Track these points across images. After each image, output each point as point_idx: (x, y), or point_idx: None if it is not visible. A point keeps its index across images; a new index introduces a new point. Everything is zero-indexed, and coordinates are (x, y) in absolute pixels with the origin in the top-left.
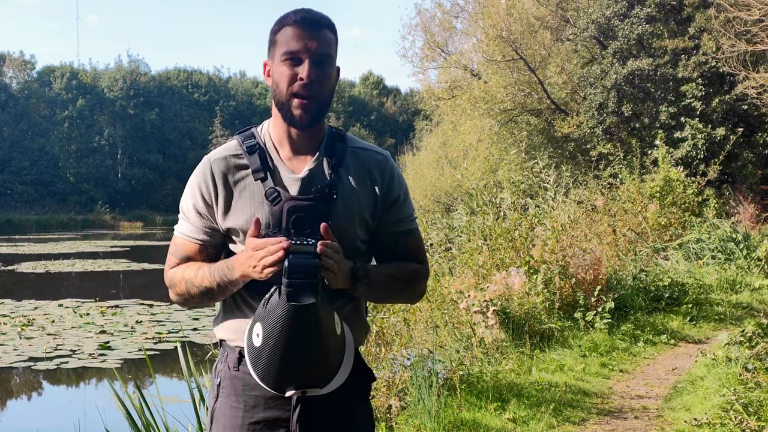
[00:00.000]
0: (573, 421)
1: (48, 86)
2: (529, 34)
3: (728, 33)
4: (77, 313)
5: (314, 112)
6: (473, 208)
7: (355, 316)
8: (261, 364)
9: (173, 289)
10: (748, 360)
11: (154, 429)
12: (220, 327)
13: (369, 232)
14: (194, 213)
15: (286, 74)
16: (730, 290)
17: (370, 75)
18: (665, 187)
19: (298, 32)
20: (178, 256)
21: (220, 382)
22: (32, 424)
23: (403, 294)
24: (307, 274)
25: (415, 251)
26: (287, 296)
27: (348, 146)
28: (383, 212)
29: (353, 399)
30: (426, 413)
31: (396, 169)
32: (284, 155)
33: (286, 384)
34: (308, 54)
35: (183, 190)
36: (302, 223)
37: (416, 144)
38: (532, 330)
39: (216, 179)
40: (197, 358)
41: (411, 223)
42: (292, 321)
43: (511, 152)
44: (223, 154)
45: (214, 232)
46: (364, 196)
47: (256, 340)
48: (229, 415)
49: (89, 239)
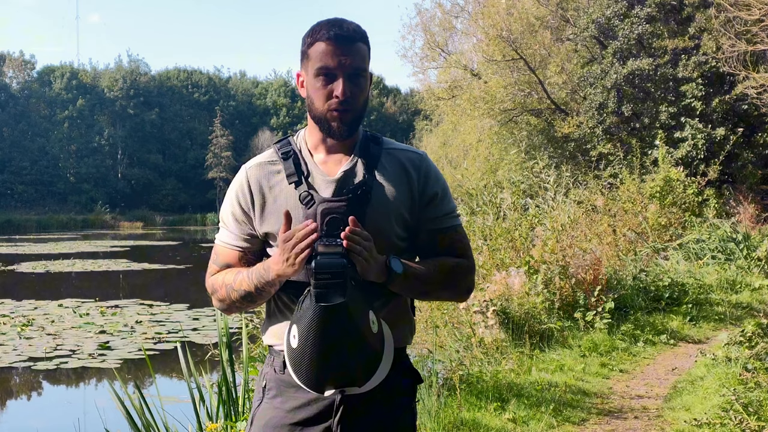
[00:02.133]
0: (573, 421)
1: (48, 86)
2: (529, 34)
3: (728, 33)
4: (77, 313)
5: (351, 123)
6: (473, 208)
7: (396, 314)
8: (299, 366)
9: (215, 295)
10: (748, 360)
11: (154, 429)
12: (266, 333)
13: (407, 230)
14: (232, 221)
15: (322, 91)
16: (730, 290)
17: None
18: (665, 187)
19: (331, 49)
20: (218, 264)
21: (265, 384)
22: (32, 424)
23: (447, 288)
24: (334, 273)
25: (457, 247)
26: (315, 297)
27: (383, 148)
28: (421, 210)
29: (395, 400)
30: (426, 413)
31: (433, 167)
32: (319, 159)
33: (324, 384)
34: (342, 70)
35: (183, 190)
36: (336, 224)
37: (416, 144)
38: (532, 330)
39: (252, 186)
40: (197, 358)
41: (452, 219)
42: (322, 321)
43: (511, 152)
44: (259, 162)
45: (252, 238)
46: (400, 194)
47: (293, 341)
48: (270, 415)
49: (89, 239)
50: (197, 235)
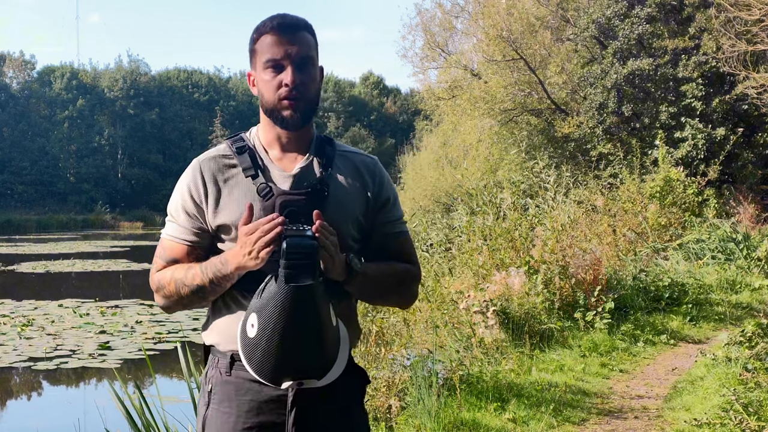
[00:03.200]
0: (573, 421)
1: (48, 86)
2: (530, 34)
3: (728, 33)
4: (77, 313)
5: (303, 112)
6: (473, 208)
7: (348, 315)
8: (257, 355)
9: (161, 292)
10: (748, 360)
11: (154, 429)
12: (209, 332)
13: (361, 232)
14: (183, 214)
15: (271, 82)
16: (730, 290)
17: (370, 75)
18: (665, 187)
19: (276, 39)
20: (165, 259)
21: (211, 388)
22: (32, 424)
23: (396, 293)
24: (305, 254)
25: (406, 253)
26: (285, 278)
27: (336, 150)
28: (374, 214)
29: (348, 402)
30: (426, 413)
31: (385, 173)
32: (274, 156)
33: (283, 374)
34: (290, 59)
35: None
36: (295, 217)
37: (416, 144)
38: (532, 330)
39: (206, 178)
40: (197, 358)
41: (402, 225)
42: (291, 302)
43: (511, 152)
44: (212, 155)
45: (202, 233)
46: (355, 196)
47: (251, 331)
48: (222, 421)
49: (89, 239)
50: None
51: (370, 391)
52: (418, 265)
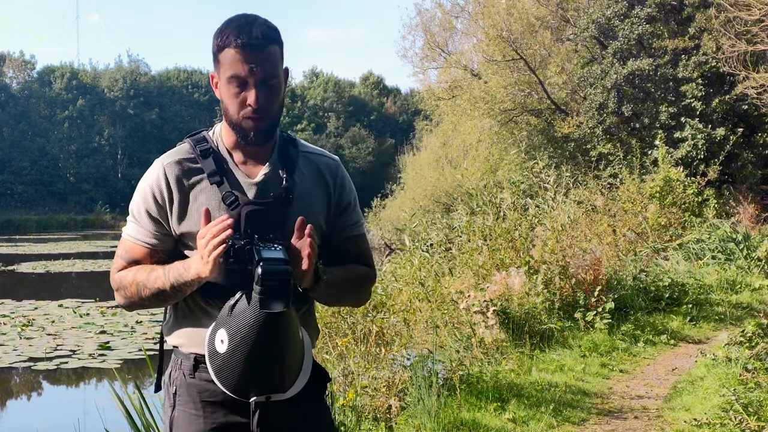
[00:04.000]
0: (573, 421)
1: (48, 86)
2: (529, 34)
3: (728, 33)
4: (77, 313)
5: (266, 130)
6: (473, 208)
7: (309, 318)
8: (225, 371)
9: (122, 292)
10: (748, 360)
11: (154, 429)
12: (172, 334)
13: (322, 237)
14: (146, 216)
15: (235, 99)
16: (730, 290)
17: (370, 75)
18: (665, 187)
19: (240, 57)
20: (126, 260)
21: (176, 390)
22: (32, 424)
23: (354, 295)
24: (280, 281)
25: (364, 256)
26: (260, 304)
27: (300, 151)
28: (335, 217)
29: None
30: (426, 413)
31: (347, 176)
32: (237, 159)
33: (251, 391)
34: (254, 78)
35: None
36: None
37: (416, 144)
38: (532, 330)
39: (171, 183)
40: None
41: (361, 228)
42: (262, 329)
43: (511, 152)
44: (177, 158)
45: (165, 236)
46: (318, 202)
47: (220, 346)
48: (189, 422)
49: (89, 239)
50: None
51: (370, 391)
52: (374, 267)
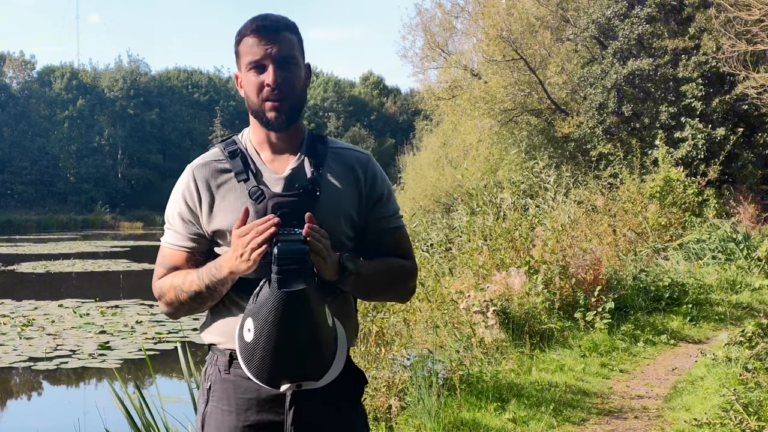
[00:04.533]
0: (573, 421)
1: (48, 86)
2: (529, 34)
3: (728, 33)
4: (77, 313)
5: (288, 113)
6: (473, 208)
7: (345, 313)
8: (255, 359)
9: (163, 299)
10: (748, 360)
11: (154, 429)
12: (208, 331)
13: (355, 230)
14: (179, 221)
15: (254, 83)
16: (730, 290)
17: (371, 75)
18: (665, 187)
19: (257, 40)
20: (165, 267)
21: (210, 386)
22: (32, 424)
23: (392, 289)
24: (296, 259)
25: (402, 249)
26: (278, 283)
27: (329, 147)
28: (368, 210)
29: (346, 401)
30: (426, 413)
31: (379, 168)
32: (265, 158)
33: (281, 377)
34: (270, 59)
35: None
36: (287, 219)
37: (416, 144)
38: (532, 330)
39: (199, 185)
40: (197, 358)
41: (397, 221)
42: (284, 308)
43: (511, 152)
44: (205, 161)
45: (200, 238)
46: (347, 194)
47: (248, 335)
48: (221, 419)
49: (89, 239)
50: None
51: (370, 391)
52: (414, 260)
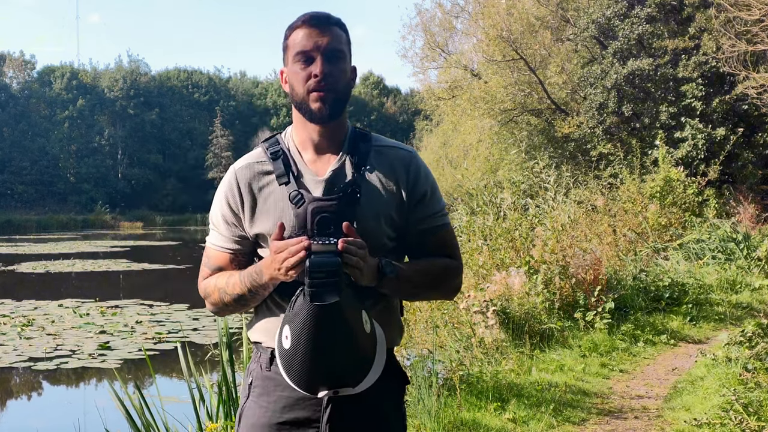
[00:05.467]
0: (573, 421)
1: (48, 86)
2: (530, 34)
3: (728, 33)
4: (77, 313)
5: (332, 104)
6: (473, 208)
7: (387, 315)
8: (292, 367)
9: (208, 299)
10: (748, 360)
11: (154, 429)
12: (253, 329)
13: (396, 230)
14: (223, 223)
15: (300, 74)
16: (730, 290)
17: (371, 75)
18: (665, 187)
19: (307, 32)
20: (210, 267)
21: (252, 381)
22: (32, 424)
23: (436, 289)
24: (328, 273)
25: (446, 247)
26: (310, 296)
27: (372, 145)
28: (410, 209)
29: (384, 401)
30: (426, 413)
31: (422, 165)
32: (308, 158)
33: (318, 384)
34: (319, 51)
35: (183, 190)
36: (327, 223)
37: (416, 144)
38: (532, 330)
39: (241, 187)
40: (197, 358)
41: (441, 218)
42: (316, 321)
43: (511, 152)
44: (248, 162)
45: (243, 240)
46: (389, 194)
47: (286, 342)
48: (258, 414)
49: (89, 239)
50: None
51: None
52: (459, 258)
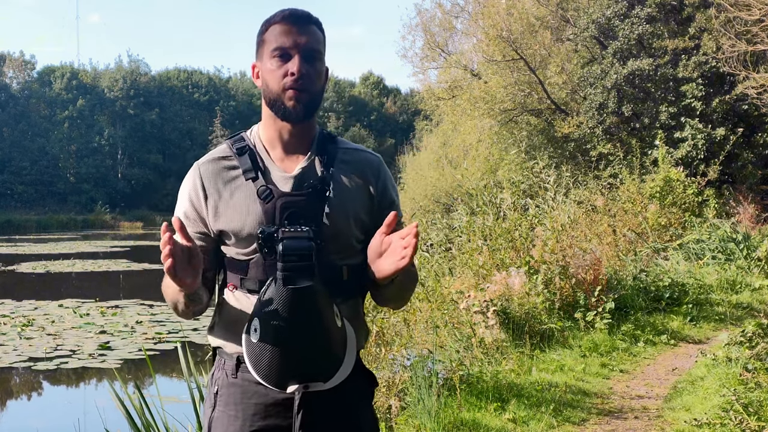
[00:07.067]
0: (573, 421)
1: (48, 86)
2: (529, 34)
3: (728, 33)
4: (77, 313)
5: (307, 104)
6: (473, 209)
7: (355, 315)
8: (261, 360)
9: (170, 305)
10: (748, 360)
11: (154, 429)
12: (214, 334)
13: (365, 233)
14: (185, 220)
15: (277, 71)
16: (730, 290)
17: (371, 75)
18: (665, 188)
19: (286, 28)
20: None
21: (217, 390)
22: (32, 424)
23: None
24: (301, 256)
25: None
26: (283, 280)
27: (339, 147)
28: (379, 213)
29: (355, 404)
30: (426, 413)
31: (389, 174)
32: (275, 156)
33: (289, 378)
34: (298, 49)
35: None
36: (296, 219)
37: (416, 144)
38: (532, 330)
39: (205, 183)
40: (197, 358)
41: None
42: (291, 305)
43: (511, 152)
44: (212, 157)
45: (205, 237)
46: (359, 196)
47: (254, 335)
48: (228, 424)
49: (89, 239)
50: None
51: None
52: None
